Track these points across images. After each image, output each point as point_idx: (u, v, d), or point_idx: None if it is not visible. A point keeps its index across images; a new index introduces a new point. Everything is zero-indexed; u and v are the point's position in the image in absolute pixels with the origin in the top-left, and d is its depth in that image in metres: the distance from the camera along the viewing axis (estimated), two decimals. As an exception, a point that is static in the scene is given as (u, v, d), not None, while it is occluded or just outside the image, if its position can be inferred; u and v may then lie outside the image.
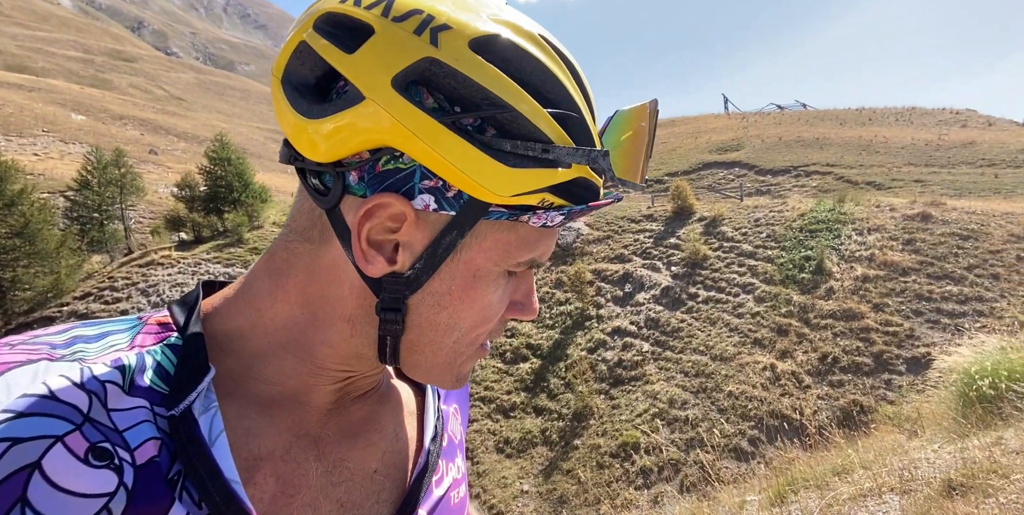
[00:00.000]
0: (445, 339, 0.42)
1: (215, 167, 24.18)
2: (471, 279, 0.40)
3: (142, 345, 0.39)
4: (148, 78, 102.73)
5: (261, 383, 0.42)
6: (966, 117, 36.80)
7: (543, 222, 0.40)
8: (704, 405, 11.06)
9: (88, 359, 0.36)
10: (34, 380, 0.33)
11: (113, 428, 0.34)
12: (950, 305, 11.39)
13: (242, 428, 0.39)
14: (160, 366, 0.38)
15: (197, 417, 0.36)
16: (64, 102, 54.65)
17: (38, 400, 0.32)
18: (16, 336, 0.37)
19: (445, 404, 0.57)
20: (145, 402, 0.36)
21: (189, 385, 0.37)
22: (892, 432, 5.74)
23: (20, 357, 0.34)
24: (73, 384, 0.34)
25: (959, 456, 3.20)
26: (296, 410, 0.43)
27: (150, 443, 0.35)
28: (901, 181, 21.64)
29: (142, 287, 18.51)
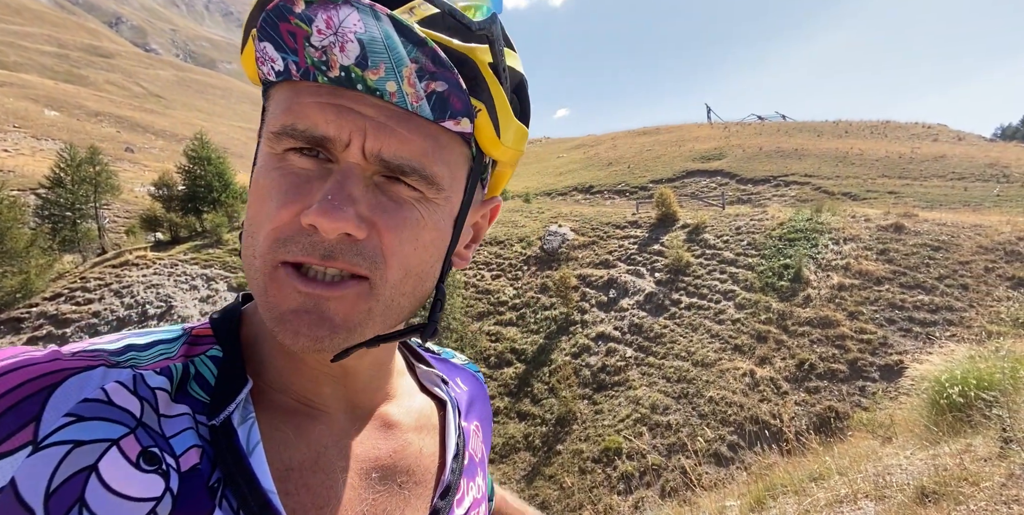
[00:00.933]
0: (247, 251, 0.38)
1: (194, 166, 23.71)
2: (255, 169, 0.38)
3: (187, 355, 0.40)
4: (126, 75, 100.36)
5: (275, 391, 0.42)
6: (937, 131, 38.07)
7: (270, 67, 0.36)
8: (685, 410, 11.16)
9: (140, 366, 0.37)
10: (94, 385, 0.34)
11: (161, 434, 0.35)
12: (921, 314, 11.68)
13: (276, 438, 0.40)
14: (202, 376, 0.39)
15: (236, 427, 0.37)
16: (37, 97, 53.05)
17: (97, 405, 0.33)
18: (73, 345, 0.38)
19: (466, 421, 0.56)
20: (189, 410, 0.37)
21: (229, 396, 0.38)
22: (866, 438, 5.87)
23: (80, 363, 0.35)
24: (128, 390, 0.35)
25: (931, 463, 3.30)
26: (318, 421, 0.43)
27: (193, 450, 0.35)
28: (876, 192, 22.22)
29: (116, 288, 18.01)
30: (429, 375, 0.55)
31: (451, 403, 0.53)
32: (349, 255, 0.36)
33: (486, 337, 14.89)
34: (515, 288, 16.67)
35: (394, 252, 0.37)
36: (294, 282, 0.36)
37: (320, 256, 0.35)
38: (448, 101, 0.36)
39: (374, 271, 0.37)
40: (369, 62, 0.34)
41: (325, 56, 0.34)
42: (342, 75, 0.34)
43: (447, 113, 0.36)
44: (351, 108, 0.35)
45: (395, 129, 0.36)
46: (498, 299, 16.34)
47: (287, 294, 0.36)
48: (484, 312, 15.97)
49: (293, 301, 0.36)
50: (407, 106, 0.35)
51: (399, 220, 0.37)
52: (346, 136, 0.35)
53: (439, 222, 0.40)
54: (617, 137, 44.84)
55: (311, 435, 0.42)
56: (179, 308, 17.51)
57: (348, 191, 0.35)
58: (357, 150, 0.35)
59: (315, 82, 0.35)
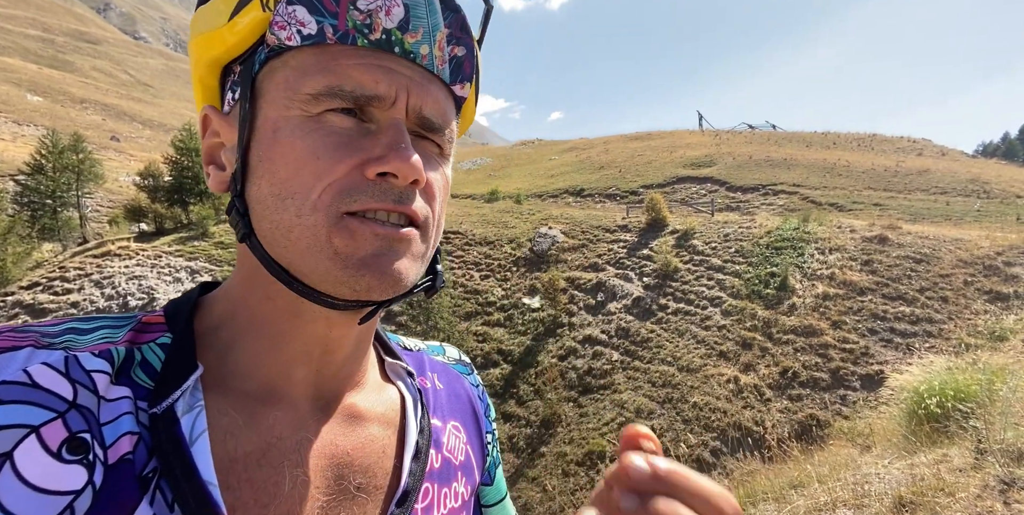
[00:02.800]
0: (284, 214, 0.36)
1: (182, 157, 23.35)
2: (272, 135, 0.37)
3: (133, 341, 0.38)
4: (113, 62, 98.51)
5: (239, 378, 0.40)
6: (922, 146, 38.87)
7: (296, 30, 0.36)
8: (670, 415, 11.23)
9: (75, 348, 0.35)
10: (16, 367, 0.32)
11: (96, 419, 0.33)
12: (902, 325, 11.88)
13: (221, 426, 0.37)
14: (148, 363, 0.37)
15: (180, 416, 0.35)
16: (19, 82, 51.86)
17: (17, 387, 0.31)
18: (6, 324, 0.36)
19: (438, 419, 0.51)
20: (130, 393, 0.35)
21: (174, 382, 0.35)
22: (846, 446, 5.96)
23: (5, 343, 0.33)
24: (58, 372, 0.33)
25: (908, 472, 3.36)
26: (275, 408, 0.40)
27: (126, 438, 0.33)
28: (861, 204, 22.60)
29: (96, 279, 17.65)
30: (395, 367, 0.51)
31: (411, 397, 0.49)
32: (414, 200, 0.38)
33: (473, 337, 14.85)
34: (504, 289, 16.66)
35: (435, 204, 0.40)
36: (370, 226, 0.36)
37: (393, 201, 0.37)
38: (462, 66, 0.40)
39: (427, 218, 0.39)
40: (410, 26, 0.36)
41: (369, 19, 0.36)
42: (383, 38, 0.36)
43: (459, 77, 0.40)
44: (394, 69, 0.37)
45: (429, 88, 0.38)
46: (486, 299, 16.32)
47: (364, 239, 0.36)
48: (472, 312, 15.93)
49: (371, 245, 0.36)
50: (434, 69, 0.38)
51: (433, 173, 0.40)
52: (394, 94, 0.37)
53: (448, 174, 0.43)
54: (609, 141, 45.07)
55: (263, 423, 0.39)
56: (161, 300, 17.22)
57: (408, 141, 0.37)
58: (402, 107, 0.38)
59: (352, 45, 0.36)
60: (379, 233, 0.36)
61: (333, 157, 0.36)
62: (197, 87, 0.43)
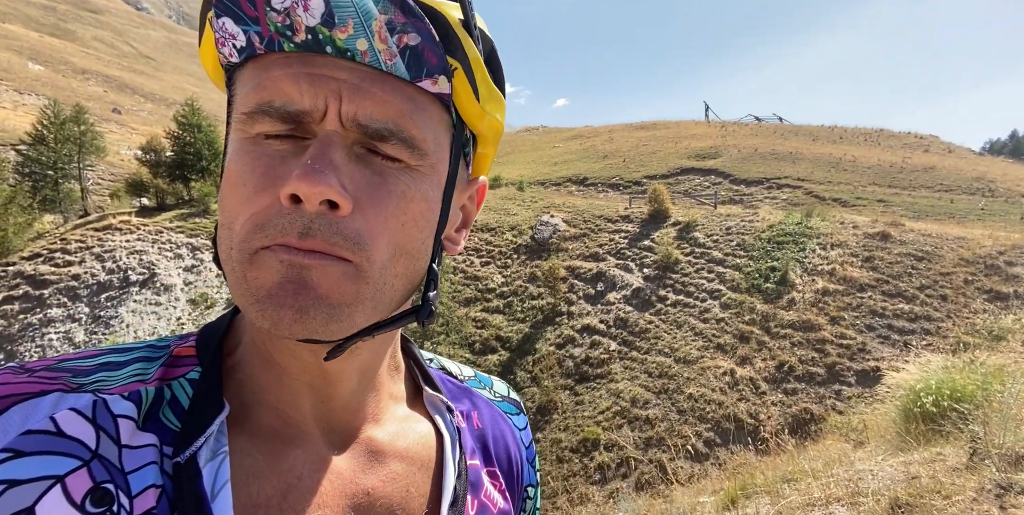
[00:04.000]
0: (223, 245, 0.35)
1: (184, 133, 23.15)
2: (226, 160, 0.36)
3: (163, 378, 0.36)
4: (115, 32, 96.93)
5: (260, 410, 0.38)
6: (929, 142, 38.55)
7: (231, 44, 0.33)
8: (665, 406, 11.34)
9: (105, 389, 0.33)
10: (42, 414, 0.30)
11: (120, 468, 0.31)
12: (901, 322, 11.92)
13: (245, 468, 0.36)
14: (177, 401, 0.35)
15: (202, 466, 0.33)
16: (20, 49, 51.08)
17: (43, 437, 0.30)
18: (42, 360, 0.34)
19: (476, 460, 0.48)
20: (156, 440, 0.33)
21: (198, 427, 0.34)
22: (839, 441, 6.02)
23: (34, 387, 0.31)
24: (84, 418, 0.31)
25: (902, 470, 3.40)
26: (294, 446, 0.38)
27: (151, 491, 0.32)
28: (865, 200, 22.50)
29: (97, 252, 17.64)
30: (434, 400, 0.48)
31: (450, 435, 0.45)
32: (328, 233, 0.32)
33: (472, 323, 14.92)
34: (504, 276, 16.68)
35: (381, 229, 0.34)
36: (276, 254, 0.32)
37: (297, 234, 0.31)
38: (423, 56, 0.33)
39: (357, 253, 0.33)
40: (336, 19, 0.31)
41: (288, 19, 0.31)
42: (308, 38, 0.32)
43: (423, 71, 0.34)
44: (323, 74, 0.32)
45: (370, 90, 0.33)
46: (486, 286, 16.35)
47: (268, 269, 0.32)
48: (472, 298, 15.98)
49: (275, 274, 0.32)
50: (381, 65, 0.33)
51: (383, 193, 0.34)
52: (322, 104, 0.32)
53: (427, 193, 0.36)
54: (615, 130, 44.66)
55: (284, 463, 0.37)
56: (162, 276, 17.24)
57: (330, 157, 0.32)
58: (334, 117, 0.33)
59: (281, 52, 0.32)
60: (283, 259, 0.32)
61: (256, 184, 0.33)
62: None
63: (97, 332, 15.35)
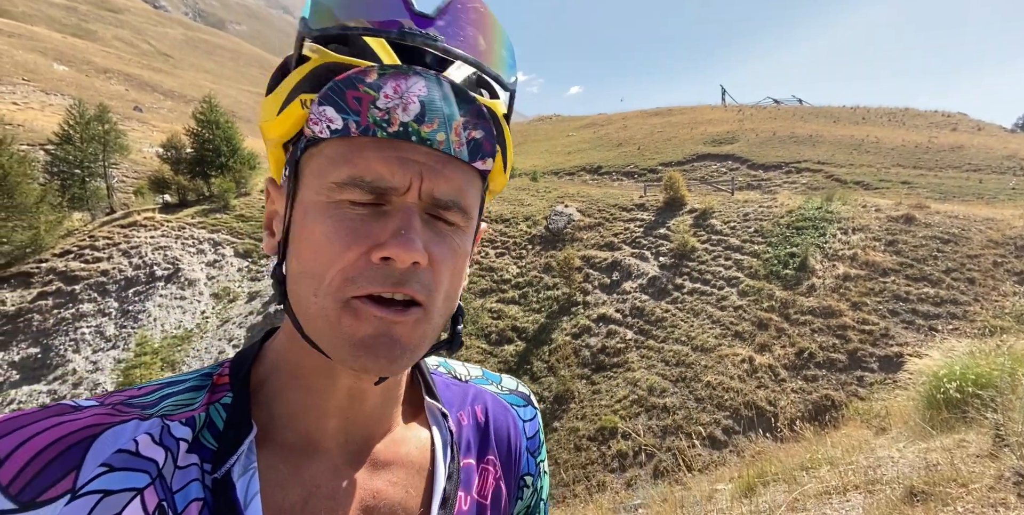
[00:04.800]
0: (306, 291, 0.40)
1: (203, 129, 23.50)
2: (303, 218, 0.41)
3: (208, 403, 0.42)
4: (134, 31, 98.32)
5: (282, 429, 0.44)
6: (957, 121, 37.09)
7: (326, 126, 0.39)
8: (682, 394, 11.31)
9: (170, 416, 0.40)
10: (127, 437, 0.37)
11: (170, 488, 0.38)
12: (925, 307, 11.63)
13: (272, 480, 0.42)
14: (213, 424, 0.41)
15: (235, 480, 0.39)
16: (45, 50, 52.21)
17: (127, 456, 0.36)
18: (116, 395, 0.42)
19: (472, 458, 0.53)
20: (198, 459, 0.39)
21: (231, 447, 0.40)
22: (860, 428, 5.95)
23: (117, 418, 0.39)
24: (154, 441, 0.38)
25: (922, 457, 3.35)
26: (314, 459, 0.44)
27: (193, 505, 0.38)
28: (889, 182, 21.85)
29: (124, 248, 18.15)
30: (432, 408, 0.53)
31: (441, 441, 0.51)
32: (413, 282, 0.40)
33: (488, 314, 15.01)
34: (519, 267, 16.70)
35: (440, 280, 0.42)
36: (371, 309, 0.39)
37: (392, 284, 0.39)
38: (482, 145, 0.43)
39: (428, 297, 0.41)
40: (426, 118, 0.39)
41: (387, 115, 0.39)
42: (400, 129, 0.39)
43: (479, 155, 0.43)
44: (409, 158, 0.40)
45: (443, 171, 0.41)
46: (501, 277, 16.40)
47: (365, 321, 0.39)
48: (487, 289, 16.05)
49: (370, 327, 0.39)
50: (451, 151, 0.41)
51: (446, 251, 0.42)
52: (407, 182, 0.40)
53: (466, 247, 0.45)
54: (628, 117, 43.92)
55: (305, 474, 0.43)
56: (186, 271, 17.69)
57: (414, 225, 0.40)
58: (415, 192, 0.40)
59: (373, 137, 0.39)
60: (378, 315, 0.39)
61: (344, 243, 0.39)
62: (270, 158, 0.47)
63: (127, 326, 15.84)
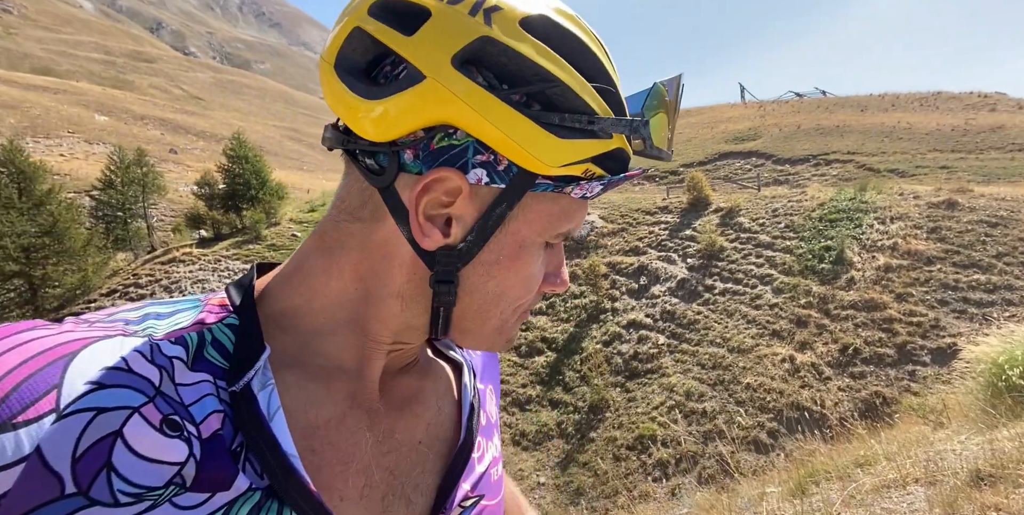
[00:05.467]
0: (493, 308, 0.45)
1: (233, 165, 24.56)
2: (517, 250, 0.43)
3: (202, 323, 0.41)
4: (167, 78, 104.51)
5: (319, 357, 0.44)
6: (995, 100, 35.52)
7: (583, 193, 0.43)
8: (722, 397, 10.97)
9: (156, 336, 0.38)
10: (113, 354, 0.35)
11: (180, 402, 0.36)
12: (977, 294, 11.09)
13: (301, 397, 0.42)
14: (219, 343, 0.40)
15: (256, 393, 0.38)
16: (88, 103, 55.91)
17: (118, 372, 0.34)
18: (95, 314, 0.40)
19: (481, 383, 0.59)
20: (208, 376, 0.38)
21: (247, 363, 0.39)
22: (917, 423, 5.63)
23: (99, 333, 0.36)
24: (145, 358, 0.36)
25: (987, 447, 3.11)
26: (350, 382, 0.45)
27: (213, 416, 0.37)
28: (926, 168, 21.05)
29: (165, 284, 18.96)
30: (444, 339, 0.57)
31: (467, 365, 0.56)
32: None
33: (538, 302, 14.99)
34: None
35: None
36: (520, 321, 0.49)
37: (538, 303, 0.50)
38: None
39: None
40: None
41: (604, 192, 0.45)
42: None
43: None
44: None
45: None
46: (528, 288, 16.36)
47: (516, 329, 0.49)
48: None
49: (516, 330, 0.49)
50: None
51: None
52: None
53: None
54: (647, 121, 43.74)
55: (339, 394, 0.44)
56: (223, 301, 18.31)
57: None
58: None
59: (585, 200, 0.45)
60: (524, 319, 0.49)
61: (538, 279, 0.46)
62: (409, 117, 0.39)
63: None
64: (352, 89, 0.39)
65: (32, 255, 17.84)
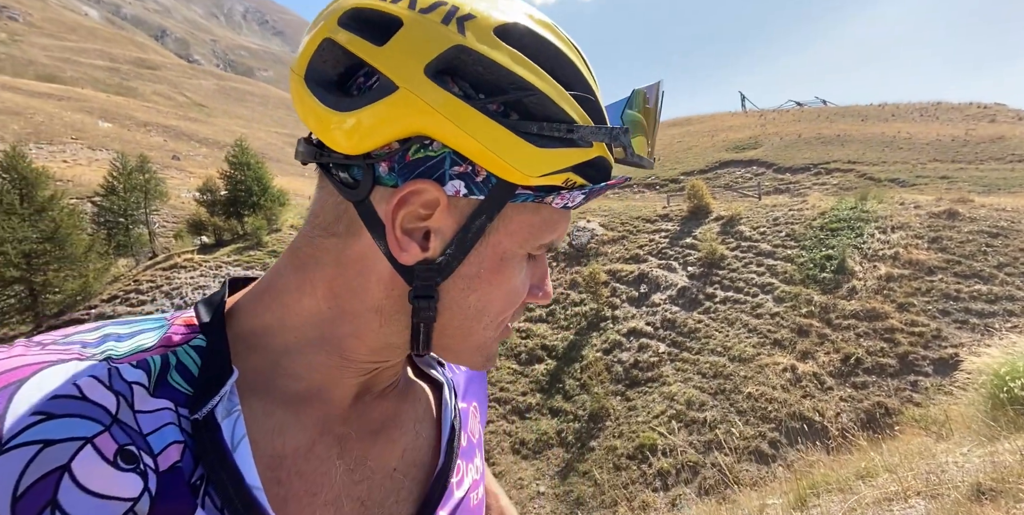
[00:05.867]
0: (475, 323, 0.43)
1: (235, 172, 24.66)
2: (498, 262, 0.42)
3: (167, 346, 0.39)
4: (171, 85, 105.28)
5: (288, 379, 0.42)
6: (995, 111, 35.70)
7: (565, 203, 0.42)
8: (723, 407, 10.91)
9: (115, 359, 0.36)
10: (65, 380, 0.33)
11: (139, 431, 0.34)
12: (979, 305, 11.07)
13: (268, 426, 0.40)
14: (184, 367, 0.38)
15: (220, 421, 0.36)
16: (92, 110, 56.29)
17: (69, 401, 0.32)
18: (49, 335, 0.37)
19: (464, 402, 0.57)
20: (170, 403, 0.36)
21: (212, 388, 0.37)
22: (919, 435, 5.59)
23: (52, 357, 0.34)
24: (102, 385, 0.34)
25: (989, 460, 3.10)
26: (320, 406, 0.43)
27: (173, 447, 0.35)
28: (926, 178, 21.10)
29: (166, 290, 18.96)
30: (425, 357, 0.55)
31: (447, 385, 0.54)
32: None
33: (516, 334, 14.92)
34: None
35: None
36: (501, 335, 0.47)
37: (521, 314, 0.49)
38: None
39: None
40: None
41: (586, 202, 0.45)
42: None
43: None
44: None
45: None
46: (528, 295, 16.33)
47: (498, 341, 0.47)
48: (515, 308, 16.01)
49: (498, 345, 0.47)
50: None
51: None
52: None
53: None
54: (647, 129, 43.94)
55: (309, 420, 0.42)
56: (223, 307, 18.29)
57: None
58: None
59: (567, 210, 0.44)
60: (507, 336, 0.47)
61: (522, 291, 0.45)
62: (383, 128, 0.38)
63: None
64: (323, 101, 0.38)
65: (33, 261, 17.86)
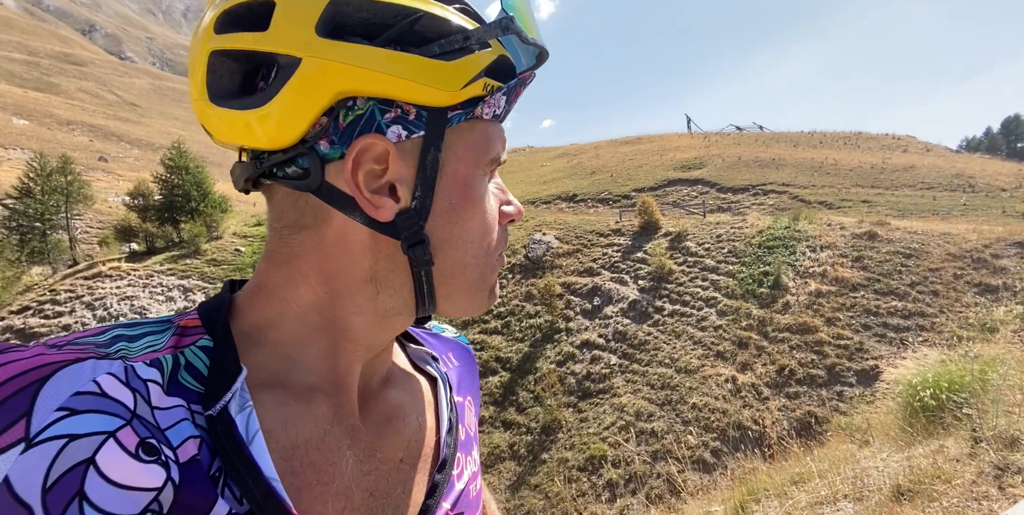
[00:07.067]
0: (466, 255, 0.45)
1: (172, 175, 23.28)
2: (464, 189, 0.44)
3: (176, 346, 0.40)
4: (99, 83, 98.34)
5: (296, 370, 0.43)
6: (907, 143, 39.38)
7: (493, 110, 0.44)
8: (670, 417, 11.20)
9: (131, 357, 0.37)
10: (85, 378, 0.33)
11: (156, 426, 0.35)
12: (895, 320, 11.91)
13: (281, 415, 0.41)
14: (193, 367, 0.39)
15: (234, 416, 0.37)
16: (4, 106, 51.62)
17: (90, 397, 0.33)
18: (59, 338, 0.38)
19: (459, 396, 0.58)
20: (183, 401, 0.37)
21: (223, 386, 0.38)
22: (845, 442, 5.95)
23: (70, 356, 0.34)
24: (120, 382, 0.35)
25: (906, 464, 3.38)
26: (331, 397, 0.44)
27: (190, 441, 0.36)
28: (850, 201, 22.79)
29: (87, 300, 17.48)
30: (420, 353, 0.58)
31: (442, 379, 0.56)
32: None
33: (471, 346, 14.79)
34: (500, 296, 16.61)
35: None
36: (497, 264, 0.48)
37: (506, 242, 0.50)
38: None
39: None
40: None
41: (509, 107, 0.46)
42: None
43: None
44: None
45: None
46: (482, 308, 16.25)
47: (495, 273, 0.48)
48: (468, 321, 15.89)
49: (496, 276, 0.49)
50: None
51: None
52: None
53: None
54: (600, 146, 45.31)
55: (319, 411, 0.43)
56: (155, 320, 17.04)
57: None
58: None
59: (498, 121, 0.46)
60: (502, 266, 0.49)
61: (495, 211, 0.46)
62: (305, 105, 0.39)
63: (90, 380, 15.06)
64: (237, 108, 0.39)
65: (-69, 267, 16.04)
